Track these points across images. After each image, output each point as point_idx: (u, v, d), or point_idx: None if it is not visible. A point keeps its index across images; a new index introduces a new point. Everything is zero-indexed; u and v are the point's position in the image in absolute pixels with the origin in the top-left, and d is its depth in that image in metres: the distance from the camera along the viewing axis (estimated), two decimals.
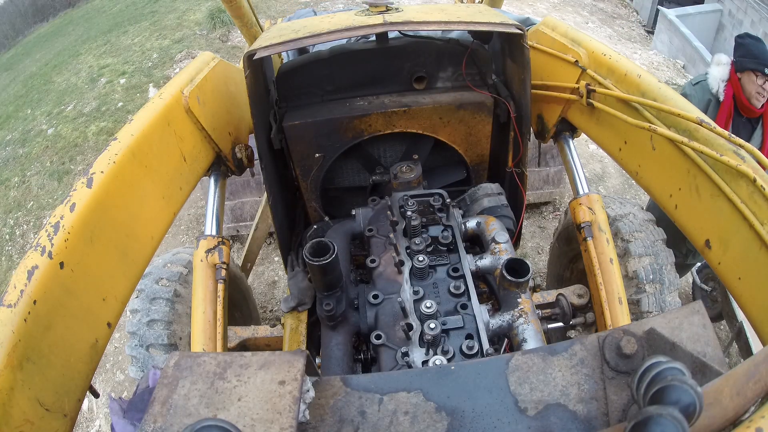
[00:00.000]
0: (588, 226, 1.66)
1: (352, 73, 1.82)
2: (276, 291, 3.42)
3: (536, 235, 3.73)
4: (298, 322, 1.62)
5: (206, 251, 1.67)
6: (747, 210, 1.09)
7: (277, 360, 0.67)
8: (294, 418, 0.60)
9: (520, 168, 1.93)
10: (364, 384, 0.74)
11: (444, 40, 1.85)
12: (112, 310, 1.17)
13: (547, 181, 3.60)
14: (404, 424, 0.69)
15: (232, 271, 2.14)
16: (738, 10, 7.71)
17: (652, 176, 1.42)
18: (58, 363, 0.97)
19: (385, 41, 1.79)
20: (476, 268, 1.48)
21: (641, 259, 2.05)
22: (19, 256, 4.47)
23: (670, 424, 0.47)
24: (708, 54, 6.97)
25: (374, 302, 1.35)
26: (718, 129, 1.17)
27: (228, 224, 3.37)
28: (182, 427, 0.60)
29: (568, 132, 1.85)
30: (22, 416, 0.84)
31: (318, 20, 1.71)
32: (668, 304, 2.03)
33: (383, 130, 1.82)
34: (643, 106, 1.37)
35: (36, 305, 0.92)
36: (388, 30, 1.59)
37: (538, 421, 0.68)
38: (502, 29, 1.56)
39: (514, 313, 1.32)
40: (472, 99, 1.81)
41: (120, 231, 1.23)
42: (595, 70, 1.55)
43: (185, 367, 0.67)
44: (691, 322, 0.69)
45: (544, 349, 0.76)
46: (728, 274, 1.17)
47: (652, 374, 0.57)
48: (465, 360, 1.18)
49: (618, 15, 9.36)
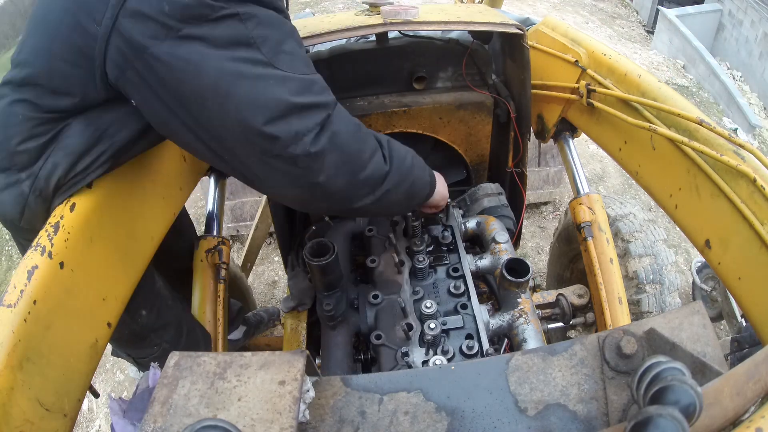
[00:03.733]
0: (588, 226, 1.66)
1: (351, 73, 1.82)
2: (276, 291, 3.42)
3: (536, 235, 3.73)
4: (298, 322, 1.62)
5: (206, 251, 1.67)
6: (747, 210, 1.09)
7: (277, 360, 0.67)
8: (294, 418, 0.61)
9: (520, 168, 1.93)
10: (364, 384, 0.74)
11: (444, 40, 1.84)
12: (112, 310, 1.17)
13: (547, 181, 3.60)
14: (404, 424, 0.69)
15: (232, 271, 2.14)
16: (738, 10, 7.72)
17: (652, 176, 1.42)
18: (58, 363, 0.97)
19: (384, 41, 1.79)
20: (476, 268, 1.49)
21: (641, 259, 2.05)
22: (19, 256, 4.47)
23: (670, 424, 0.47)
24: (708, 54, 6.98)
25: (374, 302, 1.35)
26: (718, 129, 1.17)
27: (228, 224, 3.37)
28: (182, 427, 0.60)
29: (568, 132, 1.85)
30: (22, 416, 0.84)
31: (318, 20, 1.71)
32: (668, 304, 2.04)
33: (383, 130, 1.82)
34: (643, 106, 1.37)
35: (36, 305, 0.92)
36: (388, 30, 1.59)
37: (538, 421, 0.68)
38: (502, 29, 1.56)
39: (514, 313, 1.32)
40: (472, 99, 1.81)
41: (120, 231, 1.23)
42: (595, 70, 1.55)
43: (185, 367, 0.67)
44: (691, 322, 0.69)
45: (544, 349, 0.76)
46: (728, 274, 1.17)
47: (652, 374, 0.57)
48: (465, 360, 1.19)
49: (618, 15, 9.37)
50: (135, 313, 1.37)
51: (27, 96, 1.03)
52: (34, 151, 1.06)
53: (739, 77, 7.54)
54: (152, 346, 1.48)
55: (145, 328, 1.42)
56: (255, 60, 0.90)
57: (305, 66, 0.97)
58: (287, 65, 0.93)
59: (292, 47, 0.95)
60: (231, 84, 0.88)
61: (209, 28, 0.86)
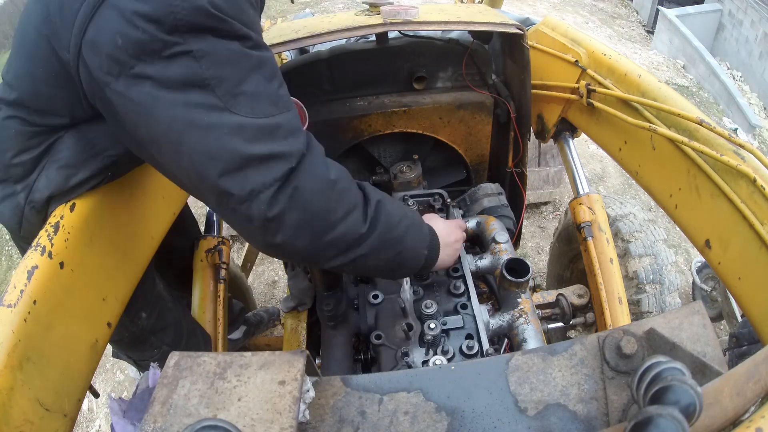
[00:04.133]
0: (588, 226, 1.66)
1: (351, 73, 1.82)
2: (276, 291, 3.42)
3: (536, 235, 3.73)
4: (298, 322, 1.62)
5: (206, 251, 1.68)
6: (747, 210, 1.09)
7: (277, 360, 0.67)
8: (294, 418, 0.61)
9: (520, 168, 1.93)
10: (364, 384, 0.74)
11: (444, 40, 1.85)
12: (112, 310, 1.17)
13: (547, 181, 3.60)
14: (404, 424, 0.69)
15: (232, 271, 2.14)
16: (738, 10, 7.72)
17: (652, 176, 1.42)
18: (58, 363, 0.97)
19: (384, 41, 1.79)
20: (476, 268, 1.48)
21: (641, 259, 2.05)
22: (19, 256, 4.47)
23: (670, 424, 0.47)
24: (708, 54, 6.98)
25: (374, 302, 1.35)
26: (718, 129, 1.17)
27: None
28: (182, 427, 0.60)
29: (568, 132, 1.85)
30: (22, 416, 0.84)
31: (318, 20, 1.71)
32: (668, 304, 2.04)
33: (383, 130, 1.82)
34: (643, 106, 1.37)
35: (36, 305, 0.92)
36: (388, 30, 1.59)
37: (538, 421, 0.68)
38: (502, 29, 1.56)
39: (514, 313, 1.32)
40: (472, 99, 1.81)
41: (120, 231, 1.23)
42: (595, 70, 1.55)
43: (185, 367, 0.67)
44: (691, 322, 0.69)
45: (544, 349, 0.76)
46: (728, 274, 1.17)
47: (652, 374, 0.57)
48: (465, 360, 1.18)
49: (618, 15, 9.37)
50: (135, 315, 1.37)
51: (18, 113, 1.03)
52: (28, 164, 1.06)
53: (739, 77, 7.54)
54: (153, 349, 1.48)
55: (146, 331, 1.43)
56: (208, 105, 0.81)
57: (271, 106, 0.86)
58: (246, 108, 0.83)
59: (256, 85, 0.85)
60: (182, 133, 0.81)
61: (162, 67, 0.79)
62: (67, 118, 1.03)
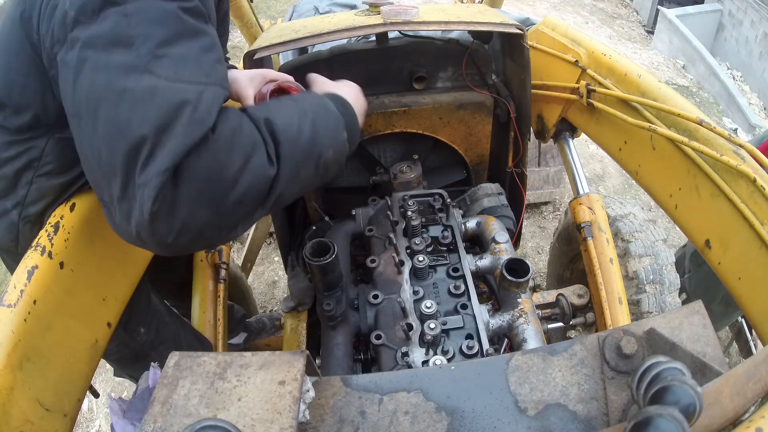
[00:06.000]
0: (588, 226, 1.66)
1: (352, 73, 1.81)
2: (276, 291, 3.42)
3: (536, 235, 3.73)
4: (298, 322, 1.62)
5: (206, 251, 1.68)
6: (747, 210, 1.09)
7: (277, 360, 0.67)
8: (294, 418, 0.61)
9: (520, 168, 1.93)
10: (364, 384, 0.74)
11: (444, 40, 1.85)
12: (112, 310, 1.17)
13: (547, 181, 3.60)
14: (404, 424, 0.69)
15: (232, 271, 2.14)
16: (738, 10, 7.72)
17: (652, 176, 1.42)
18: (58, 363, 0.97)
19: (385, 41, 1.79)
20: (476, 268, 1.48)
21: (641, 259, 2.05)
22: None
23: (670, 424, 0.47)
24: (708, 54, 6.98)
25: (374, 302, 1.35)
26: (718, 129, 1.17)
27: None
28: (182, 427, 0.60)
29: (568, 132, 1.86)
30: (22, 416, 0.84)
31: (318, 20, 1.71)
32: (668, 304, 2.03)
33: (383, 130, 1.82)
34: (643, 106, 1.37)
35: (36, 305, 0.92)
36: (388, 30, 1.59)
37: (538, 421, 0.68)
38: (502, 29, 1.56)
39: (514, 313, 1.32)
40: (472, 99, 1.81)
41: None
42: (595, 70, 1.55)
43: (185, 367, 0.67)
44: (691, 322, 0.69)
45: (544, 349, 0.76)
46: (728, 274, 1.17)
47: (652, 374, 0.57)
48: (465, 360, 1.18)
49: (618, 15, 9.36)
50: (134, 331, 1.37)
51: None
52: (11, 177, 1.04)
53: (739, 77, 7.54)
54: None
55: (146, 346, 1.42)
56: (127, 66, 0.71)
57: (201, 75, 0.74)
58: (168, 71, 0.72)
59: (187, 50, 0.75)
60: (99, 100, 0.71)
61: (94, 27, 0.73)
62: (40, 109, 0.99)
